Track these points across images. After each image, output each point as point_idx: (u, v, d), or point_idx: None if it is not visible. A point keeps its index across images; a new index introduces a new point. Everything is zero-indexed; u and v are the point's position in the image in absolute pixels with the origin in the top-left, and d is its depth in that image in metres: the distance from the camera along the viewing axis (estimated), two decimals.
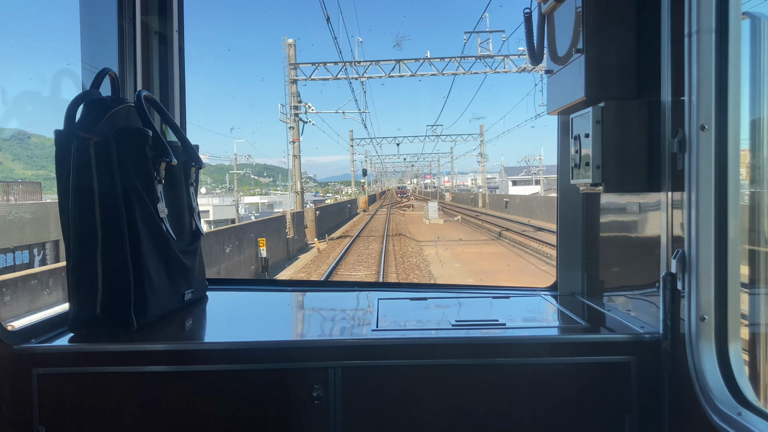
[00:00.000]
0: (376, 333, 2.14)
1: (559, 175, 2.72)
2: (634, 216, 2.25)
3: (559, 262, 2.79)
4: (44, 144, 71.92)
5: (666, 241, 1.95)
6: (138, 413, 1.98)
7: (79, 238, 2.06)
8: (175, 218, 2.37)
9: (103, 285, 2.07)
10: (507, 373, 2.04)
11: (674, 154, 1.88)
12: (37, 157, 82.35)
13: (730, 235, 1.76)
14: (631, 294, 2.30)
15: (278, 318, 2.69)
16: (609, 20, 2.14)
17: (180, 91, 2.99)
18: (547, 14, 2.54)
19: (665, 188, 1.95)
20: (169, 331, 2.19)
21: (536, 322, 2.51)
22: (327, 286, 4.34)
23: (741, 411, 1.65)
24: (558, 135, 2.72)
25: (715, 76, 1.74)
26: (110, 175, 2.06)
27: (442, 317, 2.42)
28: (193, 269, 2.50)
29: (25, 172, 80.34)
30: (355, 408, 2.01)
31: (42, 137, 74.78)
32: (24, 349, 1.95)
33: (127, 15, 2.79)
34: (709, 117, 1.75)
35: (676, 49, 1.87)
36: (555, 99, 2.50)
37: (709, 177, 1.75)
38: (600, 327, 2.27)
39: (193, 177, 2.55)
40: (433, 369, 2.04)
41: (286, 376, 2.01)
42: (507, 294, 2.88)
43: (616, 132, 2.08)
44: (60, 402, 1.96)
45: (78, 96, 2.13)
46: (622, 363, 2.03)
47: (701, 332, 1.78)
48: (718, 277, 1.77)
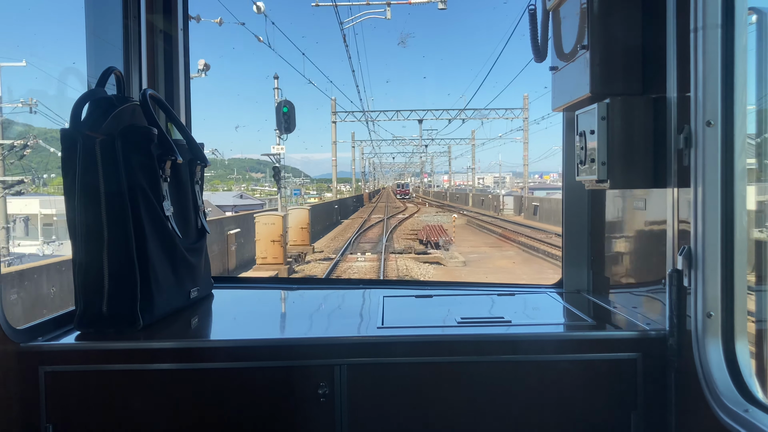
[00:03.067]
0: (382, 330, 2.14)
1: (565, 171, 2.72)
2: (640, 212, 2.25)
3: (564, 259, 2.78)
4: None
5: (672, 238, 1.94)
6: (144, 410, 1.99)
7: (86, 236, 2.07)
8: (180, 216, 2.38)
9: (109, 283, 2.07)
10: (513, 370, 2.04)
11: (680, 150, 1.87)
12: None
13: (737, 231, 1.75)
14: (637, 291, 2.29)
15: (284, 316, 2.69)
16: (614, 16, 2.13)
17: (185, 90, 3.00)
18: (552, 10, 2.53)
19: (671, 184, 1.94)
20: (175, 329, 2.20)
21: (542, 319, 2.50)
22: (332, 284, 4.34)
23: (748, 408, 1.65)
24: (563, 131, 2.71)
25: (721, 71, 1.73)
26: (116, 173, 2.06)
27: (448, 314, 2.42)
28: (199, 267, 2.51)
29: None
30: (361, 405, 2.02)
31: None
32: (31, 347, 1.96)
33: (132, 14, 2.80)
34: (715, 113, 1.74)
35: (682, 44, 1.86)
36: (560, 95, 2.49)
37: (716, 173, 1.75)
38: (606, 324, 2.27)
39: (198, 175, 2.56)
40: (438, 366, 2.04)
41: (292, 374, 2.02)
42: (512, 291, 2.88)
43: (621, 128, 2.08)
44: (67, 400, 1.97)
45: (83, 95, 2.13)
46: (628, 360, 2.03)
47: (708, 329, 1.77)
48: (725, 273, 1.76)
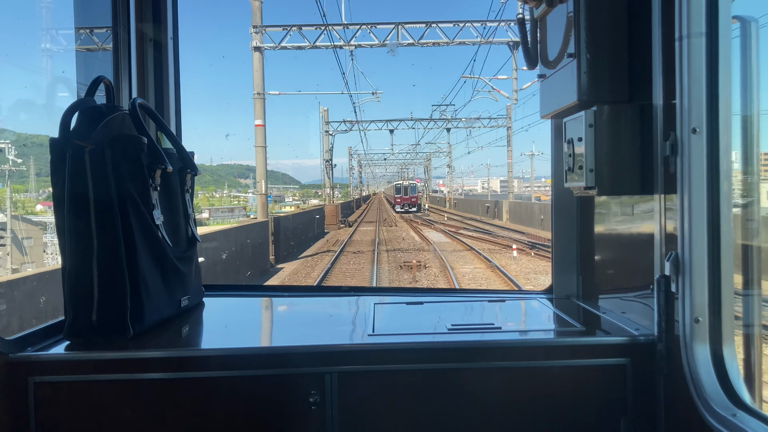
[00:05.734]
0: (372, 338, 2.14)
1: (553, 178, 2.74)
2: (628, 219, 2.26)
3: (554, 265, 2.80)
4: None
5: (659, 244, 1.96)
6: (134, 420, 1.98)
7: (75, 245, 2.06)
8: (170, 225, 2.37)
9: (98, 292, 2.06)
10: (503, 376, 2.05)
11: (666, 157, 1.89)
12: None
13: (723, 237, 1.77)
14: (626, 296, 2.30)
15: (274, 324, 2.69)
16: (601, 24, 2.15)
17: (175, 98, 3.00)
18: (539, 19, 2.55)
19: (658, 191, 1.96)
20: (165, 338, 2.19)
21: (532, 325, 2.51)
22: (323, 291, 4.34)
23: (736, 412, 1.66)
24: (551, 139, 2.73)
25: (706, 79, 1.76)
26: (105, 182, 2.06)
27: (438, 321, 2.42)
28: (190, 275, 2.50)
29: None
30: (352, 413, 2.01)
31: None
32: (20, 358, 1.95)
33: (121, 22, 2.80)
34: (700, 120, 1.76)
35: (668, 52, 1.88)
36: (548, 103, 2.51)
37: (702, 179, 1.77)
38: (595, 329, 2.28)
39: (188, 183, 2.56)
40: (429, 373, 2.04)
41: (282, 382, 2.01)
42: (503, 297, 2.89)
43: (608, 135, 2.09)
44: (56, 410, 1.96)
45: (73, 104, 2.12)
46: (617, 365, 2.04)
47: (695, 334, 1.79)
48: (712, 278, 1.78)
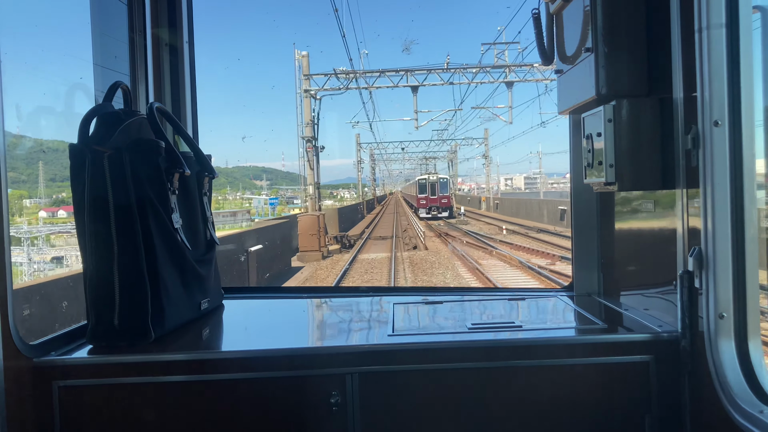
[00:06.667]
0: (393, 338, 2.14)
1: (572, 174, 2.71)
2: (649, 214, 2.23)
3: (574, 262, 2.77)
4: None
5: (682, 239, 1.93)
6: (157, 423, 1.99)
7: (96, 250, 2.08)
8: (189, 228, 2.39)
9: (120, 296, 2.08)
10: (524, 375, 2.03)
11: (688, 150, 1.87)
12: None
13: (747, 231, 1.74)
14: (648, 293, 2.27)
15: (294, 325, 2.69)
16: (618, 18, 2.13)
17: (192, 102, 3.02)
18: (555, 14, 2.53)
19: (680, 185, 1.93)
20: (186, 341, 2.21)
21: (553, 323, 2.49)
22: (342, 292, 4.34)
23: (763, 408, 1.63)
24: (570, 135, 2.70)
25: (727, 71, 1.72)
26: (124, 187, 2.08)
27: (458, 320, 2.41)
28: (209, 278, 2.51)
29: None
30: (373, 413, 2.01)
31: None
32: (44, 362, 1.97)
33: (137, 28, 2.82)
34: (722, 112, 1.73)
35: (687, 45, 1.85)
36: (566, 98, 2.48)
37: (724, 172, 1.74)
38: (617, 327, 2.25)
39: (206, 187, 2.57)
40: (450, 373, 2.03)
41: (303, 384, 2.02)
42: (522, 296, 2.87)
43: (628, 130, 2.07)
44: (80, 414, 1.98)
45: (91, 110, 2.15)
46: (640, 363, 2.01)
47: (720, 330, 1.76)
48: (736, 273, 1.75)
